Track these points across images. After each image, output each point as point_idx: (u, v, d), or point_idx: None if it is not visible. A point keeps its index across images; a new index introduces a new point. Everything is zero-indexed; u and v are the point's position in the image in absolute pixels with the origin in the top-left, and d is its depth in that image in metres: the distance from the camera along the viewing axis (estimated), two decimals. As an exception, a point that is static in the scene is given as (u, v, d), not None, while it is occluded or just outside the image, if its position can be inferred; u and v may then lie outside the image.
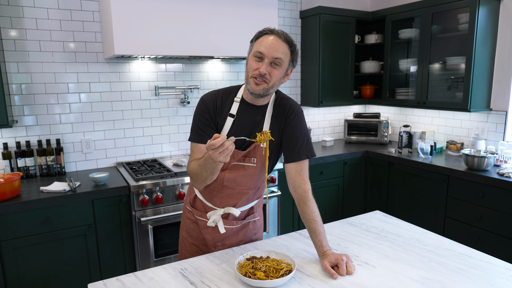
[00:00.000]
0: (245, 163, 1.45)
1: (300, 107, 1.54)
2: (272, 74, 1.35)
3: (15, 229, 2.08)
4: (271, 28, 1.38)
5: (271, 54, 1.33)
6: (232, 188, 1.48)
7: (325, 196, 3.20)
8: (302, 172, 1.45)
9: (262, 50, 1.33)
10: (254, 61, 1.35)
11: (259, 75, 1.34)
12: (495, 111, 2.93)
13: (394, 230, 1.66)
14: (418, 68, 3.15)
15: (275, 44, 1.33)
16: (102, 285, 1.25)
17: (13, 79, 2.49)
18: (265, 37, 1.36)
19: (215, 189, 1.49)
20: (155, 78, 2.93)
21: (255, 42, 1.38)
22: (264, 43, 1.34)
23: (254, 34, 1.41)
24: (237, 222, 1.56)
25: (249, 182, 1.49)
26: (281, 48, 1.34)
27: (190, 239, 1.62)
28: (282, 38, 1.35)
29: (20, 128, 2.55)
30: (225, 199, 1.51)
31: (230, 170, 1.46)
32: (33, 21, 2.49)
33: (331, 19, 3.33)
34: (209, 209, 1.54)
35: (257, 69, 1.34)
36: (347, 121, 3.69)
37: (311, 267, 1.35)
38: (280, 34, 1.35)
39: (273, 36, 1.35)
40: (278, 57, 1.33)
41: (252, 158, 1.45)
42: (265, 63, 1.33)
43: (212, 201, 1.52)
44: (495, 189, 2.41)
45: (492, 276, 1.28)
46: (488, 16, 2.77)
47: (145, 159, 2.96)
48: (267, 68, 1.33)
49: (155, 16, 2.41)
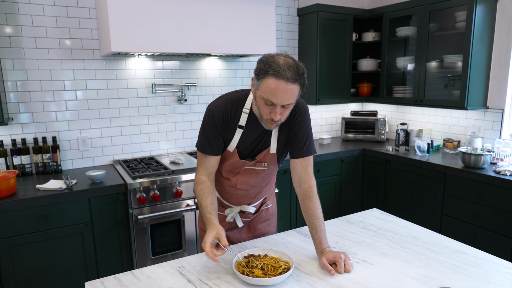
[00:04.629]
0: (256, 167, 1.50)
1: (305, 103, 1.53)
2: (284, 114, 1.33)
3: (11, 227, 2.07)
4: (276, 68, 1.23)
5: (282, 103, 1.27)
6: (246, 190, 1.56)
7: (322, 194, 3.20)
8: (308, 168, 1.46)
9: (273, 100, 1.26)
10: (265, 106, 1.30)
11: (273, 120, 1.32)
12: (491, 109, 2.94)
13: (391, 228, 1.67)
14: (415, 66, 3.15)
15: (284, 92, 1.24)
16: (100, 283, 1.24)
17: (8, 76, 2.47)
18: (274, 82, 1.23)
19: (230, 191, 1.57)
20: (152, 76, 2.92)
21: (262, 84, 1.27)
22: (273, 92, 1.25)
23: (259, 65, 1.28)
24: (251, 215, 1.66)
25: (261, 182, 1.57)
26: (290, 93, 1.26)
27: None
28: (291, 81, 1.24)
29: (15, 126, 2.53)
30: (240, 199, 1.60)
31: (242, 174, 1.51)
32: (28, 18, 2.47)
33: (329, 16, 3.32)
34: (226, 206, 1.63)
35: (270, 114, 1.30)
36: (345, 119, 3.69)
37: (309, 264, 1.35)
38: (290, 76, 1.23)
39: (282, 82, 1.23)
40: (289, 103, 1.28)
41: (263, 163, 1.50)
42: (277, 111, 1.29)
43: (230, 201, 1.61)
44: (492, 186, 2.42)
45: (489, 273, 1.28)
46: (485, 14, 2.78)
47: (142, 156, 2.95)
48: (279, 113, 1.30)
49: (152, 13, 2.40)
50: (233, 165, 1.49)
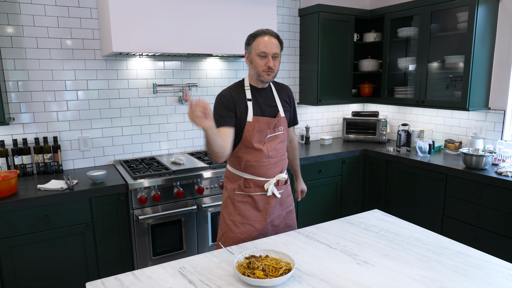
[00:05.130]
0: (276, 132, 1.84)
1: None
2: (276, 65, 1.75)
3: (12, 227, 2.07)
4: (263, 30, 1.74)
5: (272, 51, 1.71)
6: (276, 156, 1.84)
7: (323, 195, 3.20)
8: (294, 131, 2.13)
9: (265, 50, 1.70)
10: (260, 59, 1.72)
11: (269, 68, 1.72)
12: (493, 110, 2.93)
13: (393, 229, 1.66)
14: (417, 67, 3.15)
15: (271, 42, 1.71)
16: (101, 284, 1.24)
17: (9, 76, 2.47)
18: (261, 38, 1.71)
19: (265, 163, 1.81)
20: (153, 76, 2.92)
21: (253, 44, 1.73)
22: (263, 43, 1.71)
23: (248, 37, 1.77)
24: (282, 186, 1.91)
25: (283, 147, 1.89)
26: (275, 44, 1.73)
27: (244, 220, 1.83)
28: (273, 36, 1.73)
29: (17, 126, 2.53)
30: (274, 169, 1.84)
31: (269, 142, 1.82)
32: (30, 18, 2.47)
33: (330, 17, 3.32)
34: (262, 183, 1.82)
35: (266, 64, 1.72)
36: (346, 119, 3.69)
37: (310, 265, 1.35)
38: (272, 32, 1.74)
39: (267, 37, 1.72)
40: (276, 52, 1.73)
41: (280, 127, 1.85)
42: (270, 59, 1.71)
43: (266, 174, 1.83)
44: (493, 188, 2.41)
45: (491, 275, 1.28)
46: (487, 15, 2.77)
47: (143, 157, 2.95)
48: (272, 61, 1.72)
49: (154, 13, 2.40)
50: (260, 130, 1.78)
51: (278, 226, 1.89)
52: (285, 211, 1.93)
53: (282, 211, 1.91)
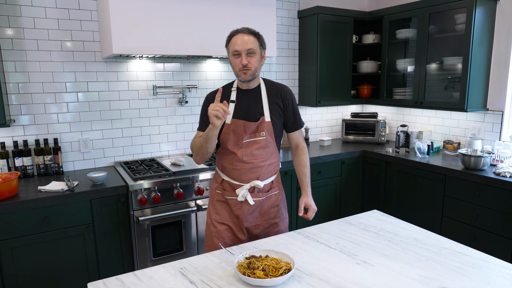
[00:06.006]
0: (256, 138, 1.76)
1: (291, 91, 1.89)
2: (251, 62, 1.70)
3: (13, 229, 2.08)
4: (235, 29, 1.73)
5: (244, 48, 1.67)
6: (252, 162, 1.76)
7: (323, 196, 3.21)
8: (300, 135, 1.96)
9: (237, 48, 1.68)
10: (235, 59, 1.71)
11: (243, 66, 1.69)
12: (491, 111, 2.95)
13: (392, 229, 1.67)
14: (416, 68, 3.17)
15: (243, 40, 1.68)
16: (102, 284, 1.25)
17: (10, 78, 2.48)
18: (234, 38, 1.70)
19: (238, 167, 1.76)
20: (153, 78, 2.93)
21: (229, 45, 1.73)
22: (235, 42, 1.69)
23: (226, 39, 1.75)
24: (262, 194, 1.81)
25: (263, 154, 1.78)
26: (249, 40, 1.68)
27: (220, 219, 1.83)
28: (246, 33, 1.69)
29: (17, 128, 2.54)
30: (248, 174, 1.77)
31: (245, 147, 1.76)
32: (30, 20, 2.48)
33: (329, 19, 3.34)
34: (236, 187, 1.79)
35: (240, 63, 1.69)
36: (345, 120, 3.70)
37: (310, 265, 1.36)
38: (244, 30, 1.70)
39: (239, 34, 1.69)
40: (249, 48, 1.68)
41: (261, 132, 1.77)
42: (243, 57, 1.68)
43: (240, 178, 1.78)
44: (492, 188, 2.43)
45: (489, 274, 1.29)
46: (485, 16, 2.79)
47: (143, 158, 2.96)
48: (246, 59, 1.68)
49: (154, 15, 2.41)
50: (236, 133, 1.74)
51: (258, 236, 1.83)
52: (266, 222, 1.84)
53: (262, 221, 1.83)
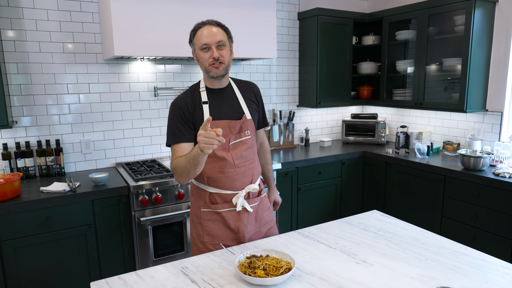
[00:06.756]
0: (242, 138, 1.64)
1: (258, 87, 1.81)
2: (223, 54, 1.55)
3: (15, 229, 2.09)
4: (200, 22, 1.57)
5: (214, 40, 1.52)
6: (243, 165, 1.63)
7: (323, 196, 3.23)
8: (265, 133, 1.90)
9: (206, 41, 1.52)
10: (204, 53, 1.54)
11: (215, 60, 1.53)
12: (490, 112, 2.96)
13: (391, 229, 1.69)
14: (415, 69, 3.18)
15: (212, 31, 1.53)
16: (105, 283, 1.26)
17: (12, 80, 2.50)
18: (200, 30, 1.54)
19: (231, 174, 1.60)
20: (154, 79, 2.95)
21: (194, 39, 1.56)
22: (202, 34, 1.53)
23: (189, 34, 1.59)
24: (257, 198, 1.70)
25: (252, 154, 1.67)
26: (217, 32, 1.54)
27: (216, 241, 1.63)
28: (214, 24, 1.55)
29: (19, 129, 2.56)
30: (242, 179, 1.63)
31: (233, 149, 1.61)
32: (32, 22, 2.50)
33: (329, 20, 3.35)
34: (229, 197, 1.62)
35: (210, 57, 1.53)
36: (345, 121, 3.72)
37: (310, 265, 1.37)
38: (211, 21, 1.56)
39: (206, 26, 1.54)
40: (220, 40, 1.53)
41: (246, 131, 1.65)
42: (214, 50, 1.52)
43: (233, 186, 1.61)
44: (491, 188, 2.44)
45: (487, 273, 1.30)
46: (484, 18, 2.81)
47: (145, 159, 2.97)
48: (217, 52, 1.53)
49: (155, 17, 2.43)
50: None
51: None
52: (264, 227, 1.72)
53: (260, 228, 1.70)
